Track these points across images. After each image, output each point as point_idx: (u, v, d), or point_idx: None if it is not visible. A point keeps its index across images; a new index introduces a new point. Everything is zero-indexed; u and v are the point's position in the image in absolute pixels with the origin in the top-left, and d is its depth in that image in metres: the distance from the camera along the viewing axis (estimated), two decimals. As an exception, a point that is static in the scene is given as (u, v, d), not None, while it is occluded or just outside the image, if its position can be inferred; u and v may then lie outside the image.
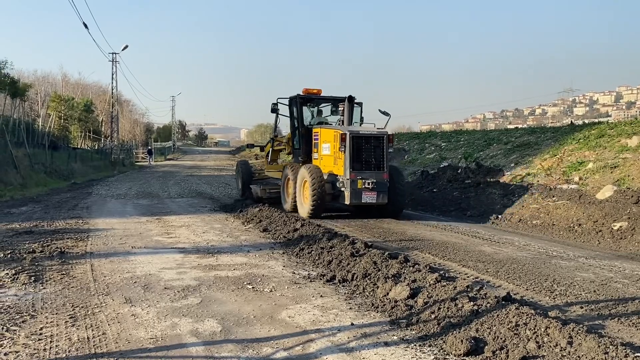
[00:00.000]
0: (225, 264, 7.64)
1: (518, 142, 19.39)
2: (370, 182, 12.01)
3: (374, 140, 12.25)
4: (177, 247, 8.92)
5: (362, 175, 12.07)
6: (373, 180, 12.04)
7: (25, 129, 29.26)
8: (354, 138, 12.10)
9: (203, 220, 12.26)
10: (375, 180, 12.07)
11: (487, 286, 6.34)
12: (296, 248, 8.61)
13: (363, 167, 12.14)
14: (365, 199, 12.03)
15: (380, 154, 12.25)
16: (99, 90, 70.45)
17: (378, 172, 12.19)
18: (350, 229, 10.90)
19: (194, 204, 16.00)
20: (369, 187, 12.01)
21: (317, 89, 14.05)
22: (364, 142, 12.18)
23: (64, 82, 60.72)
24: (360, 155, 12.14)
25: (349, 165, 12.02)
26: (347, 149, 12.02)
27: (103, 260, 7.73)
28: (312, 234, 9.37)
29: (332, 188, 12.35)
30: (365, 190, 12.01)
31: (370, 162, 12.21)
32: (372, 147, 12.22)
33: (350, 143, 12.04)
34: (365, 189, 12.01)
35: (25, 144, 26.13)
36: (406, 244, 9.26)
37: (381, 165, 12.25)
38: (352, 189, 11.98)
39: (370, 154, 12.21)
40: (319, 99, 14.20)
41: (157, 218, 12.53)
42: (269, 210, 12.53)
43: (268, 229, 10.72)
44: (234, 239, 9.85)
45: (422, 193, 16.91)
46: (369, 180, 12.01)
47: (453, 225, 11.85)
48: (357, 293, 6.18)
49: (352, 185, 11.98)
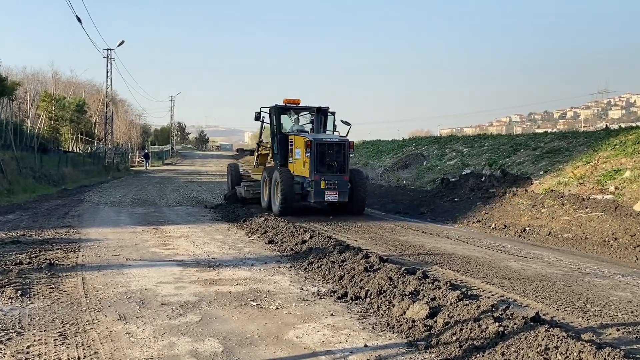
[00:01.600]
0: (227, 278, 7.64)
1: (547, 148, 19.30)
2: (332, 183, 14.75)
3: (336, 146, 14.97)
4: (176, 259, 8.95)
5: (325, 177, 14.75)
6: (335, 181, 14.78)
7: (13, 131, 29.55)
8: (317, 144, 14.78)
9: (203, 231, 12.29)
10: (337, 182, 14.80)
11: (513, 305, 6.30)
12: (305, 262, 8.61)
13: (326, 170, 14.83)
14: (328, 197, 14.80)
15: (342, 158, 14.98)
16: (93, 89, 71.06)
17: (339, 174, 14.89)
18: (364, 242, 10.88)
19: (193, 212, 16.05)
20: (330, 187, 14.75)
21: (296, 99, 16.76)
22: (327, 148, 14.87)
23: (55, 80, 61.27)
24: (323, 160, 14.84)
25: (314, 168, 14.71)
26: (311, 154, 14.69)
27: (95, 273, 7.76)
28: (322, 247, 9.37)
29: (300, 188, 15.06)
30: (327, 190, 14.74)
31: (332, 166, 14.91)
32: (335, 153, 14.90)
33: (315, 149, 14.69)
34: (328, 189, 14.74)
35: (12, 147, 26.39)
36: (425, 259, 9.23)
37: (342, 169, 14.97)
38: (316, 189, 14.69)
39: (333, 158, 14.91)
40: (296, 108, 16.95)
41: (153, 228, 12.59)
42: (275, 220, 12.56)
43: (274, 241, 10.74)
44: (237, 251, 9.86)
45: (442, 202, 16.87)
46: (331, 182, 14.75)
47: (476, 239, 11.79)
48: (371, 312, 6.16)
49: (315, 185, 14.69)
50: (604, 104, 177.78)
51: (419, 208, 17.04)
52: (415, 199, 18.79)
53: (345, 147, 15.07)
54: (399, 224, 13.92)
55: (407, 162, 26.71)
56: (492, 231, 13.11)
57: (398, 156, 29.70)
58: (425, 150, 27.87)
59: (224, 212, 15.48)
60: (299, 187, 15.08)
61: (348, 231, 12.49)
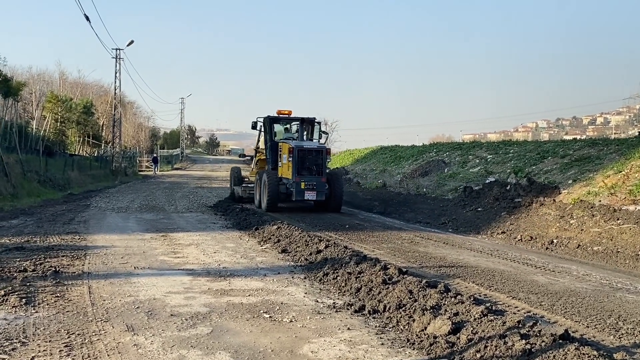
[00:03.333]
0: (239, 288, 7.66)
1: (576, 156, 19.16)
2: (311, 183, 18.05)
3: (315, 152, 18.40)
4: (185, 268, 8.99)
5: (305, 179, 18.08)
6: (313, 182, 18.08)
7: (18, 133, 29.90)
8: (299, 151, 18.12)
9: (214, 239, 12.35)
10: (315, 183, 18.10)
11: (541, 322, 6.24)
12: (320, 272, 8.61)
13: (306, 173, 18.15)
14: (307, 196, 18.11)
15: (320, 163, 18.33)
16: (100, 90, 71.72)
17: (318, 176, 18.22)
18: (382, 253, 10.86)
19: (203, 219, 16.13)
20: (309, 187, 18.03)
21: (288, 110, 20.33)
22: (307, 154, 18.23)
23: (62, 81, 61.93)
24: (304, 164, 18.16)
25: (295, 171, 18.01)
26: (293, 159, 18.05)
27: (102, 282, 7.82)
28: (338, 257, 9.36)
29: (285, 189, 18.33)
30: (307, 190, 18.04)
31: (311, 169, 18.24)
32: (314, 158, 18.28)
33: (296, 154, 18.03)
34: (307, 189, 18.03)
35: (17, 149, 26.69)
36: (446, 271, 9.20)
37: (320, 172, 18.31)
38: (297, 189, 18.00)
39: (312, 163, 18.26)
40: (286, 119, 20.58)
41: (162, 235, 12.66)
42: (289, 229, 12.58)
43: (287, 250, 10.76)
44: (249, 260, 9.89)
45: (464, 212, 16.81)
46: (310, 183, 18.06)
47: (501, 251, 11.72)
48: (390, 326, 6.15)
49: (297, 186, 18.01)
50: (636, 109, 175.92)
51: (440, 218, 16.98)
52: (436, 208, 18.74)
53: (323, 153, 18.53)
54: (419, 235, 13.89)
55: (428, 169, 26.64)
56: (517, 243, 13.02)
57: (418, 163, 29.63)
58: (447, 156, 27.80)
59: (236, 220, 15.55)
60: (284, 187, 18.34)
61: (365, 241, 12.48)
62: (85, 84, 68.90)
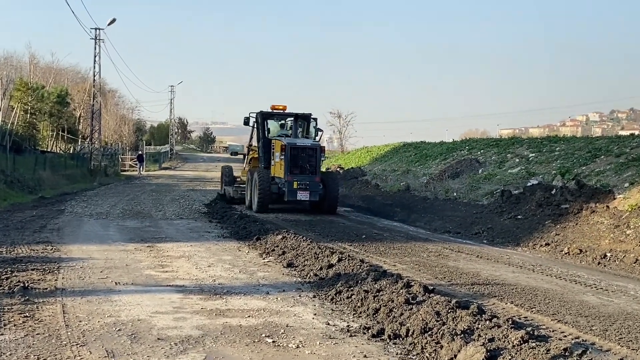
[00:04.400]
0: (237, 308, 7.68)
1: (635, 154, 19.05)
2: (304, 183, 19.46)
3: (309, 150, 19.83)
4: (175, 284, 9.01)
5: (298, 178, 19.49)
6: (307, 182, 19.50)
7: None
8: (291, 149, 19.54)
9: (208, 250, 12.38)
10: (309, 182, 19.50)
11: (592, 350, 6.21)
12: (331, 290, 8.60)
13: (299, 172, 19.59)
14: (300, 196, 19.49)
15: (314, 161, 19.84)
16: (77, 77, 72.15)
17: (311, 176, 19.63)
18: (405, 267, 10.84)
19: (196, 227, 16.18)
20: (302, 187, 19.43)
21: (282, 105, 21.93)
22: (300, 152, 19.70)
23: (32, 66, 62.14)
24: (296, 162, 19.62)
25: (287, 169, 19.44)
26: (286, 157, 19.50)
27: (78, 300, 7.85)
28: (352, 272, 9.36)
29: (277, 189, 19.76)
30: (299, 190, 19.41)
31: (305, 168, 19.69)
32: (307, 156, 19.75)
33: (289, 152, 19.46)
34: (300, 189, 19.43)
35: (-20, 145, 26.86)
36: (480, 289, 9.17)
37: (314, 171, 19.77)
38: (289, 189, 19.40)
39: (305, 161, 19.72)
40: (280, 114, 22.11)
41: (148, 246, 12.71)
42: (295, 239, 12.60)
43: (294, 264, 10.76)
44: (249, 275, 9.90)
45: (501, 220, 16.75)
46: (303, 182, 19.48)
47: (544, 266, 11.67)
48: (414, 354, 6.13)
49: (289, 185, 19.42)
50: None
51: (473, 227, 16.94)
52: (469, 215, 18.69)
53: (317, 152, 20.00)
54: (448, 246, 13.85)
55: (459, 169, 26.58)
56: (564, 257, 12.96)
57: (447, 162, 29.59)
58: (481, 155, 27.73)
59: (233, 228, 15.58)
60: (276, 187, 19.80)
61: (385, 254, 12.46)
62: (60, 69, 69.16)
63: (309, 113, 22.06)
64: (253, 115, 22.52)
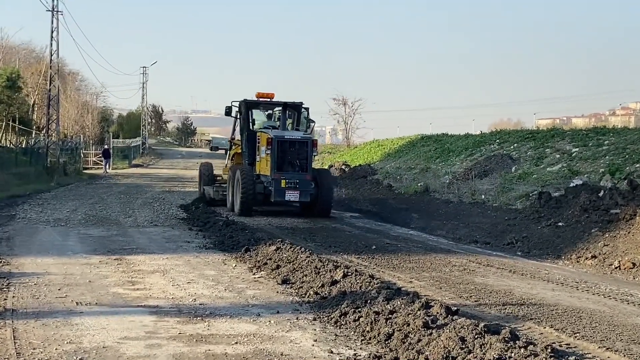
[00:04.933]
0: (222, 334, 7.65)
1: (698, 149, 19.01)
2: (293, 181, 20.01)
3: (299, 144, 20.54)
4: (147, 304, 8.97)
5: (286, 175, 20.09)
6: (296, 180, 20.07)
7: None
8: (279, 142, 20.18)
9: (188, 264, 12.35)
10: (298, 180, 20.09)
11: (647, 384, 6.18)
12: (335, 312, 8.57)
13: (287, 168, 20.31)
14: (288, 196, 20.09)
15: (304, 157, 20.50)
16: (31, 56, 71.96)
17: (302, 173, 20.29)
18: (423, 284, 10.81)
19: (173, 236, 16.15)
20: (291, 186, 19.97)
21: (269, 93, 22.68)
22: (288, 146, 20.40)
23: (-23, 43, 62.31)
24: (284, 158, 20.29)
25: (274, 166, 20.09)
26: (272, 152, 20.10)
27: (32, 323, 7.82)
28: (360, 290, 9.33)
29: (263, 188, 20.37)
30: (288, 189, 19.97)
31: (294, 164, 20.44)
32: (297, 151, 20.46)
33: (276, 146, 20.08)
34: (288, 188, 19.97)
35: None
36: (513, 311, 9.13)
37: (305, 167, 20.40)
38: (276, 188, 19.98)
39: (295, 156, 20.44)
40: (266, 103, 23.05)
41: (116, 258, 12.67)
42: (292, 250, 12.57)
43: (290, 280, 10.73)
44: (237, 294, 9.86)
45: (539, 228, 16.72)
46: (292, 180, 20.02)
47: (590, 282, 11.64)
48: (434, 388, 6.10)
49: (276, 184, 19.98)
50: None
51: (505, 235, 16.90)
52: (499, 222, 18.66)
53: (308, 145, 20.66)
54: (475, 259, 13.83)
55: (488, 167, 26.56)
56: (614, 272, 12.91)
57: (474, 158, 29.58)
58: (515, 150, 27.72)
59: (218, 237, 15.55)
60: (262, 186, 20.46)
61: (399, 268, 12.43)
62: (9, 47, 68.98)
63: (300, 102, 22.79)
64: (236, 104, 23.08)
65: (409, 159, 36.43)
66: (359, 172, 36.19)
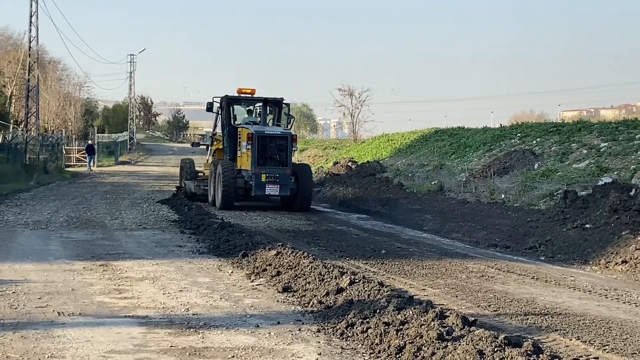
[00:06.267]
0: (217, 347, 7.67)
1: None
2: (273, 176, 22.61)
3: (279, 139, 23.30)
4: (136, 315, 8.98)
5: (266, 170, 22.68)
6: (276, 174, 22.71)
7: None
8: (259, 137, 22.85)
9: (180, 270, 12.37)
10: (278, 175, 22.72)
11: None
12: (341, 322, 8.56)
13: (267, 163, 22.92)
14: (268, 191, 22.76)
15: (284, 151, 23.19)
16: (7, 43, 71.91)
17: (282, 167, 22.96)
18: (437, 292, 10.82)
19: (164, 240, 16.17)
20: (271, 180, 22.55)
21: (251, 89, 25.18)
22: (269, 141, 23.10)
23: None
24: (265, 153, 22.94)
25: (255, 161, 22.68)
26: (253, 147, 22.69)
27: (9, 335, 7.83)
28: (368, 299, 9.33)
29: (244, 182, 22.97)
30: (268, 184, 22.58)
31: (274, 159, 23.07)
32: (277, 146, 23.17)
33: (256, 141, 22.69)
34: (269, 182, 22.57)
35: None
36: (536, 321, 9.13)
37: (285, 162, 23.10)
38: (257, 182, 22.54)
39: (275, 151, 23.10)
40: (247, 99, 25.77)
41: (101, 264, 12.70)
42: (294, 255, 12.57)
43: (292, 288, 10.73)
44: (233, 303, 9.87)
45: (564, 231, 16.68)
46: (272, 175, 22.63)
47: (621, 290, 11.64)
48: (449, 406, 6.11)
49: (256, 178, 22.55)
50: None
51: (527, 239, 16.91)
52: (521, 224, 18.64)
53: (288, 140, 23.36)
54: (494, 265, 13.85)
55: (508, 164, 26.51)
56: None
57: (492, 154, 29.53)
58: (537, 145, 27.66)
59: (212, 241, 15.55)
60: (242, 181, 23.02)
61: (410, 274, 12.44)
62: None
63: (281, 98, 25.71)
64: (217, 100, 25.84)
65: (421, 155, 36.34)
66: (367, 169, 36.09)
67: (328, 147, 56.98)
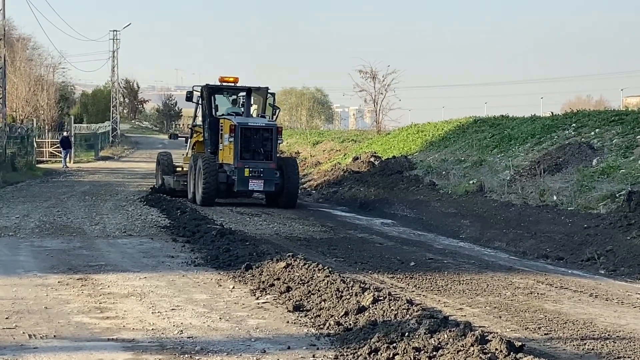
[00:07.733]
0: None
1: None
2: (257, 170, 24.54)
3: (263, 131, 25.38)
4: (120, 337, 8.97)
5: (249, 164, 24.64)
6: (260, 169, 24.67)
7: None
8: (242, 129, 24.85)
9: (172, 285, 12.38)
10: (262, 169, 24.68)
11: None
12: (363, 348, 8.54)
13: (251, 157, 24.92)
14: (252, 186, 24.86)
15: (269, 145, 25.27)
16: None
17: (266, 162, 24.99)
18: (476, 312, 10.79)
19: (152, 250, 16.20)
20: (255, 175, 24.46)
21: (233, 77, 27.62)
22: (252, 133, 25.13)
23: None
24: (248, 146, 24.90)
25: (238, 154, 24.62)
26: (235, 139, 24.65)
27: (-29, 362, 7.86)
28: (395, 320, 9.31)
29: (226, 177, 25.04)
30: (252, 178, 24.53)
31: (258, 152, 25.08)
32: (261, 139, 25.24)
33: (239, 134, 24.67)
34: (252, 177, 24.50)
35: None
36: (595, 346, 9.09)
37: (269, 156, 25.18)
38: (240, 177, 24.45)
39: (259, 144, 25.10)
40: (230, 88, 28.05)
41: (79, 278, 12.71)
42: (307, 268, 12.55)
43: (304, 307, 10.71)
44: (235, 324, 9.87)
45: (628, 239, 16.62)
46: (256, 169, 24.56)
47: (695, 310, 11.57)
48: None
49: (239, 173, 24.45)
50: None
51: (584, 249, 16.88)
52: (576, 231, 18.61)
53: (273, 133, 25.49)
54: (545, 279, 13.83)
55: (561, 159, 26.45)
56: None
57: (542, 148, 29.48)
58: (596, 137, 27.61)
59: (210, 250, 15.55)
60: (224, 175, 25.13)
61: (445, 291, 12.42)
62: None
63: (265, 87, 28.15)
64: (197, 89, 28.28)
65: (457, 149, 36.31)
66: (393, 166, 36.06)
67: (346, 140, 56.89)
